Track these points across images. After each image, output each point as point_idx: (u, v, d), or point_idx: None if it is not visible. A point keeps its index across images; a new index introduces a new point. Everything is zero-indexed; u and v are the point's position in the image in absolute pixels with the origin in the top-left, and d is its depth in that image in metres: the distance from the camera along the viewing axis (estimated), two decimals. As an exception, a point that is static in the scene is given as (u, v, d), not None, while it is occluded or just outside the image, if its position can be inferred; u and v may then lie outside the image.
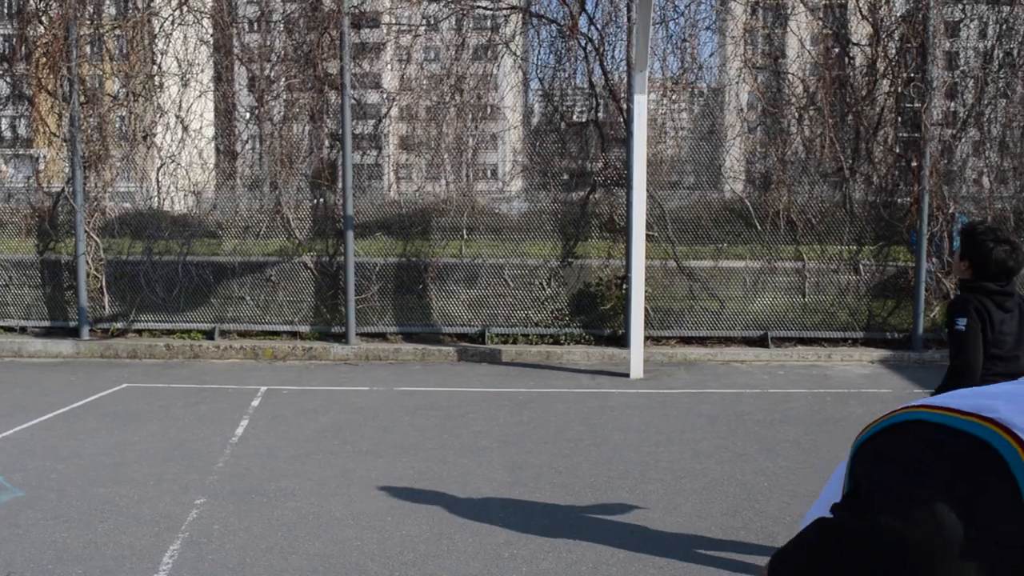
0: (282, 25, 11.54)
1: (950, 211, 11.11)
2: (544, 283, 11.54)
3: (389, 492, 6.32)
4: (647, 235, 11.20)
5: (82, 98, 11.41)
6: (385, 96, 11.77)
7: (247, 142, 11.59)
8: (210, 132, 11.71)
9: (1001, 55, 11.03)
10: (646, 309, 11.08)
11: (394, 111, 11.93)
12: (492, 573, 4.99)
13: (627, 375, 10.07)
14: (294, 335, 11.59)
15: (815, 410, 8.64)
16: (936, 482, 1.00)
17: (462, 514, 5.89)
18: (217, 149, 11.94)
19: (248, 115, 11.63)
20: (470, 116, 11.70)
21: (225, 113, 11.65)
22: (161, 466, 6.90)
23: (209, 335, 11.56)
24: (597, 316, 11.41)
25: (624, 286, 10.88)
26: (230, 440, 7.60)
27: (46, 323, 11.83)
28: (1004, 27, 10.94)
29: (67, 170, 11.62)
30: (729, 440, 7.60)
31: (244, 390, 9.44)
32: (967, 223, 5.04)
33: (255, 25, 11.66)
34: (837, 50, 11.33)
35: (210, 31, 11.48)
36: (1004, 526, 0.96)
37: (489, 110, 11.88)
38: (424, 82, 12.01)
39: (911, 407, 1.05)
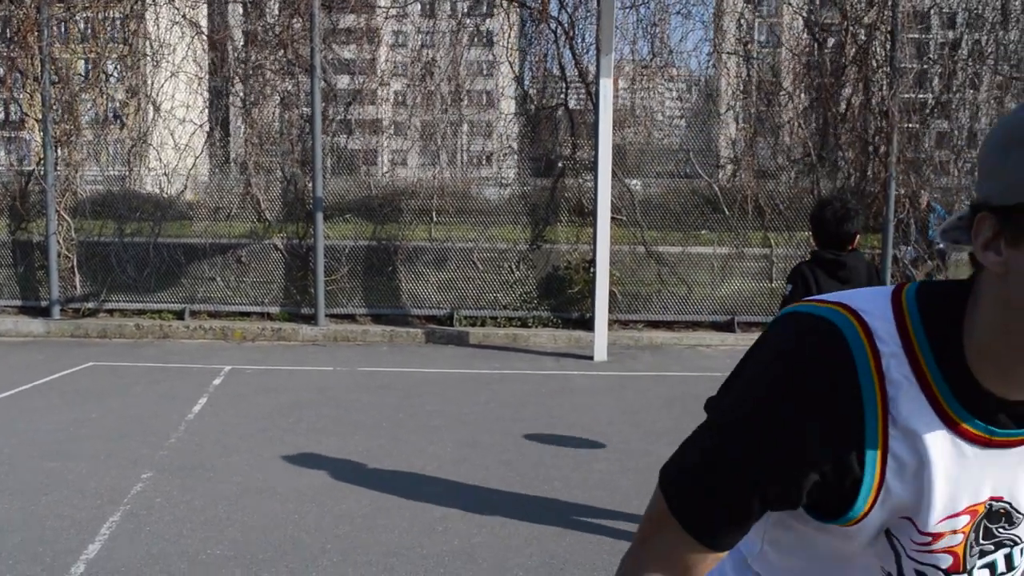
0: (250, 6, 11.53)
1: (924, 201, 11.16)
2: (513, 266, 11.59)
3: (335, 468, 6.38)
4: (617, 220, 11.25)
5: (54, 78, 11.42)
6: (355, 80, 11.78)
7: (217, 123, 11.59)
8: (181, 113, 11.70)
9: (970, 44, 11.06)
10: (614, 293, 11.15)
11: (363, 95, 11.94)
12: (422, 545, 5.05)
13: (592, 358, 10.12)
14: (264, 316, 11.64)
15: (772, 393, 8.69)
16: (779, 339, 1.22)
17: (403, 490, 5.95)
18: (204, 131, 11.93)
19: (218, 97, 11.62)
20: (440, 101, 11.73)
21: (197, 94, 11.64)
22: (114, 441, 6.94)
23: (179, 315, 11.60)
24: (565, 299, 11.48)
25: (591, 270, 10.93)
26: (186, 417, 7.65)
27: (17, 302, 11.86)
28: (971, 16, 10.97)
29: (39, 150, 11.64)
30: (682, 421, 7.65)
31: (208, 369, 9.49)
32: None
33: (226, 6, 11.66)
34: (807, 36, 11.34)
35: (182, 12, 11.47)
36: (830, 373, 1.16)
37: (460, 95, 11.90)
38: (393, 66, 12.03)
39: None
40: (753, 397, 1.21)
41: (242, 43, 11.65)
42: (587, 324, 11.17)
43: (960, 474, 1.21)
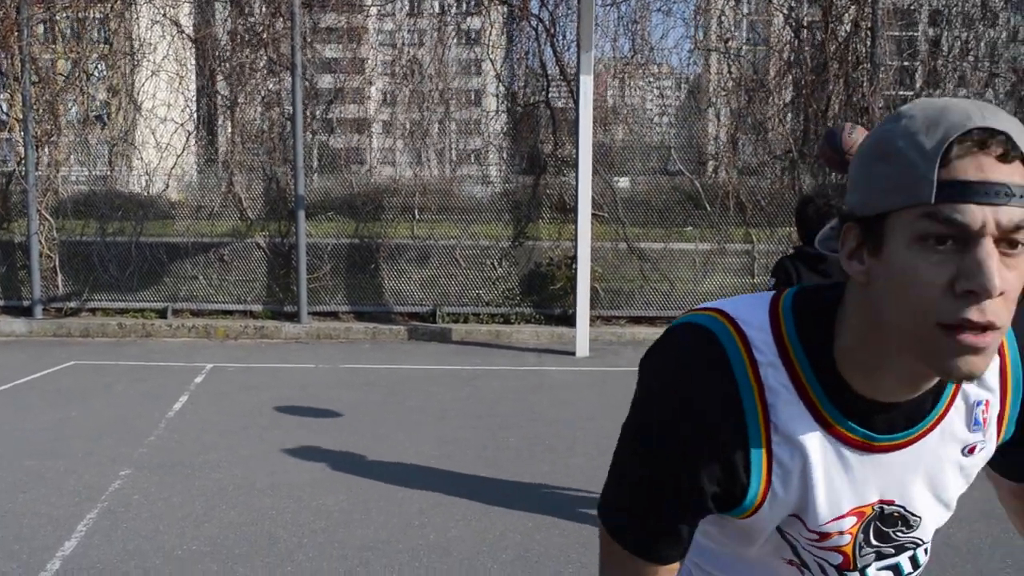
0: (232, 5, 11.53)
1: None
2: (495, 263, 11.62)
3: (314, 464, 6.39)
4: (599, 216, 11.29)
5: (34, 78, 11.40)
6: (337, 78, 11.79)
7: (199, 122, 11.58)
8: (163, 112, 11.69)
9: (950, 40, 11.13)
10: (596, 289, 11.18)
11: (345, 93, 11.95)
12: (398, 539, 5.07)
13: (573, 354, 10.15)
14: (247, 314, 11.64)
15: (752, 387, 8.73)
16: (659, 354, 1.29)
17: (382, 485, 5.97)
18: (187, 130, 11.91)
19: (199, 96, 11.61)
20: (422, 99, 11.74)
21: (178, 93, 11.62)
22: (94, 440, 6.94)
23: (162, 314, 11.59)
24: (547, 296, 11.51)
25: (573, 266, 10.96)
26: (166, 415, 7.65)
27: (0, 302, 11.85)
28: (951, 13, 11.04)
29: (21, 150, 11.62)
30: (661, 416, 7.69)
31: (190, 367, 9.49)
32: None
33: (208, 5, 11.64)
34: (788, 33, 11.39)
35: (162, 11, 11.45)
36: (711, 385, 1.22)
37: (443, 92, 11.91)
38: (375, 64, 12.04)
39: None
40: (641, 419, 1.29)
41: (224, 42, 11.63)
42: (569, 320, 11.19)
43: (843, 478, 1.26)
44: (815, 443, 1.24)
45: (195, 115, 11.55)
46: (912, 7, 11.41)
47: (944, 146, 1.06)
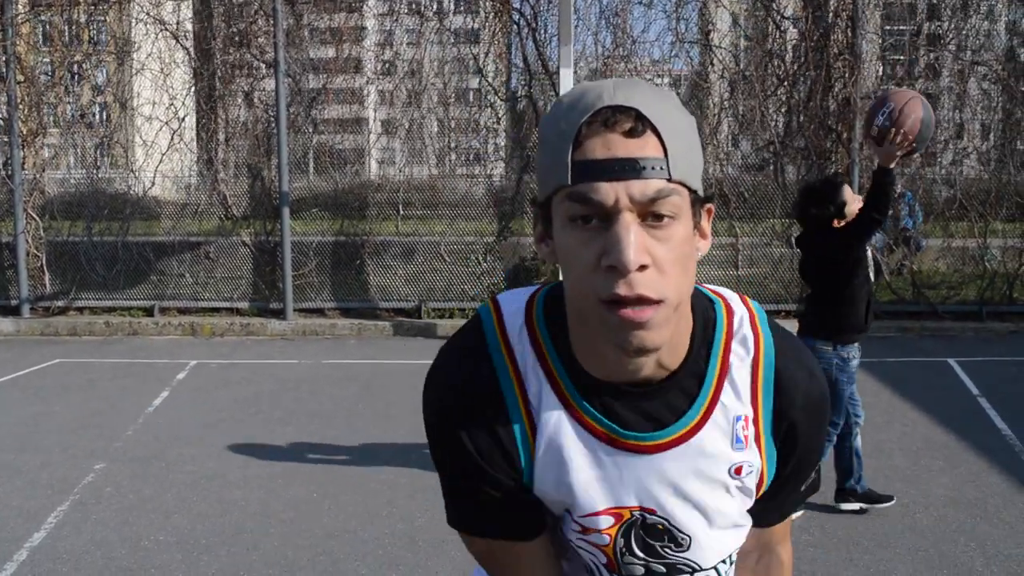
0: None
1: (898, 191, 11.22)
2: (480, 258, 11.64)
3: (287, 457, 6.42)
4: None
5: (19, 77, 11.43)
6: (319, 76, 11.82)
7: (183, 120, 11.60)
8: (148, 110, 11.71)
9: (931, 30, 11.14)
10: (580, 283, 11.18)
11: (327, 91, 11.98)
12: (364, 528, 5.11)
13: (557, 347, 10.16)
14: (233, 311, 11.66)
15: (731, 378, 8.75)
16: (447, 347, 1.34)
17: (353, 477, 6.00)
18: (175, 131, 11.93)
19: (184, 94, 11.64)
20: (404, 95, 11.77)
21: (163, 91, 11.63)
22: (72, 434, 6.98)
23: (149, 312, 11.62)
24: (532, 290, 11.51)
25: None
26: (145, 410, 7.68)
27: (-13, 302, 11.88)
28: (931, 4, 11.06)
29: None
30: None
31: (173, 364, 9.51)
32: None
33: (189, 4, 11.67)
34: (769, 24, 11.41)
35: (146, 10, 11.48)
36: (469, 367, 1.28)
37: (425, 88, 11.94)
38: (357, 62, 12.07)
39: None
40: (425, 403, 1.33)
41: (208, 40, 11.65)
42: (554, 314, 11.21)
43: (596, 472, 1.27)
44: (566, 427, 1.26)
45: (179, 113, 11.54)
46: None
47: (576, 128, 1.11)
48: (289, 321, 11.28)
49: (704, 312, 1.30)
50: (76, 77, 11.77)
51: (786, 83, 11.23)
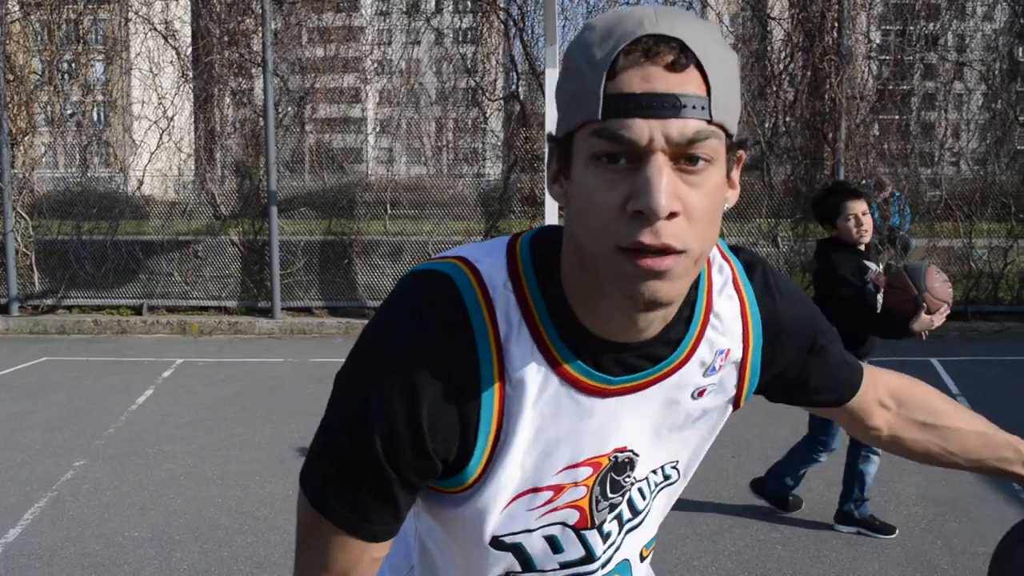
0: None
1: (886, 191, 11.26)
2: (467, 257, 11.68)
3: (267, 454, 6.46)
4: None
5: (9, 76, 11.47)
6: (307, 76, 11.86)
7: (172, 119, 11.64)
8: (137, 110, 11.76)
9: (917, 29, 11.18)
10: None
11: (316, 91, 12.03)
12: (337, 525, 5.14)
13: (542, 346, 10.21)
14: (222, 310, 11.71)
15: (714, 377, 8.79)
16: (387, 300, 1.17)
17: (330, 473, 6.03)
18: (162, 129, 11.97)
19: (173, 93, 11.68)
20: (394, 95, 11.82)
21: (151, 90, 11.68)
22: (54, 432, 7.01)
23: (138, 311, 11.67)
24: (519, 289, 11.56)
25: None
26: (129, 408, 7.72)
27: (-24, 301, 11.93)
28: (919, 4, 11.11)
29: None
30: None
31: (160, 362, 9.55)
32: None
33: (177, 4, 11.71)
34: (755, 25, 11.46)
35: (135, 10, 11.52)
36: (443, 326, 1.11)
37: (413, 87, 11.98)
38: (345, 62, 12.12)
39: None
40: (363, 367, 1.15)
41: (197, 39, 11.69)
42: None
43: (577, 426, 1.19)
44: (546, 385, 1.15)
45: (168, 113, 11.58)
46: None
47: (612, 57, 0.99)
48: (277, 320, 11.32)
49: None
50: (66, 76, 11.78)
51: (773, 84, 11.27)
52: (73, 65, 11.80)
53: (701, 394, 1.26)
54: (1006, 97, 11.29)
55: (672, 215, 0.98)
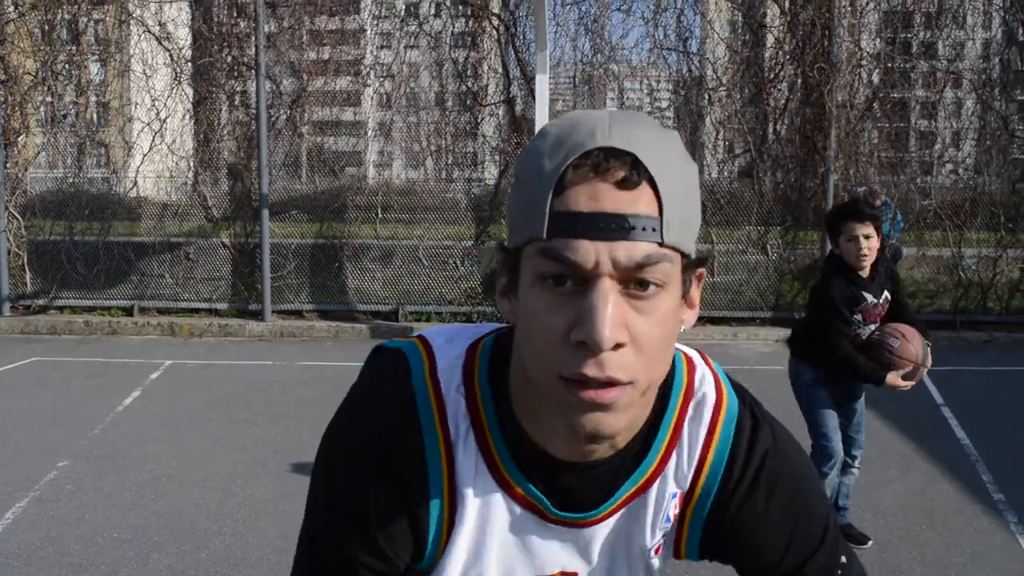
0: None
1: (881, 198, 11.30)
2: (458, 262, 11.72)
3: (249, 457, 6.48)
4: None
5: (2, 76, 11.51)
6: (301, 80, 11.90)
7: (165, 121, 11.66)
8: (130, 111, 11.80)
9: (908, 38, 11.23)
10: (558, 288, 11.27)
11: (308, 95, 12.07)
12: (315, 528, 5.16)
13: (531, 351, 10.23)
14: (212, 312, 11.73)
15: (700, 384, 8.80)
16: (355, 385, 1.17)
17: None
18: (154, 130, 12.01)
19: (167, 95, 11.71)
20: (386, 99, 11.86)
21: (145, 92, 11.72)
22: (39, 432, 7.04)
23: (129, 312, 11.68)
24: (509, 294, 11.60)
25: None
26: (115, 409, 7.74)
27: (-32, 300, 11.95)
28: (908, 13, 11.16)
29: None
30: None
31: (148, 364, 9.56)
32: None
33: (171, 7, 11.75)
34: (746, 32, 11.51)
35: (130, 12, 11.56)
36: (393, 426, 1.10)
37: (406, 93, 12.03)
38: (338, 66, 12.17)
39: None
40: (323, 466, 1.15)
41: (190, 42, 11.73)
42: (531, 318, 11.29)
43: (521, 548, 1.15)
44: (496, 503, 1.13)
45: (161, 115, 11.61)
46: (869, 5, 11.50)
47: (560, 171, 0.93)
48: (267, 322, 11.34)
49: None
50: (60, 77, 11.82)
51: (763, 91, 11.32)
52: (67, 66, 11.82)
53: (657, 551, 1.20)
54: (996, 106, 11.33)
55: (618, 345, 0.93)
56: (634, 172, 0.92)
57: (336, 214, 11.96)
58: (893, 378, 4.51)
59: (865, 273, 4.65)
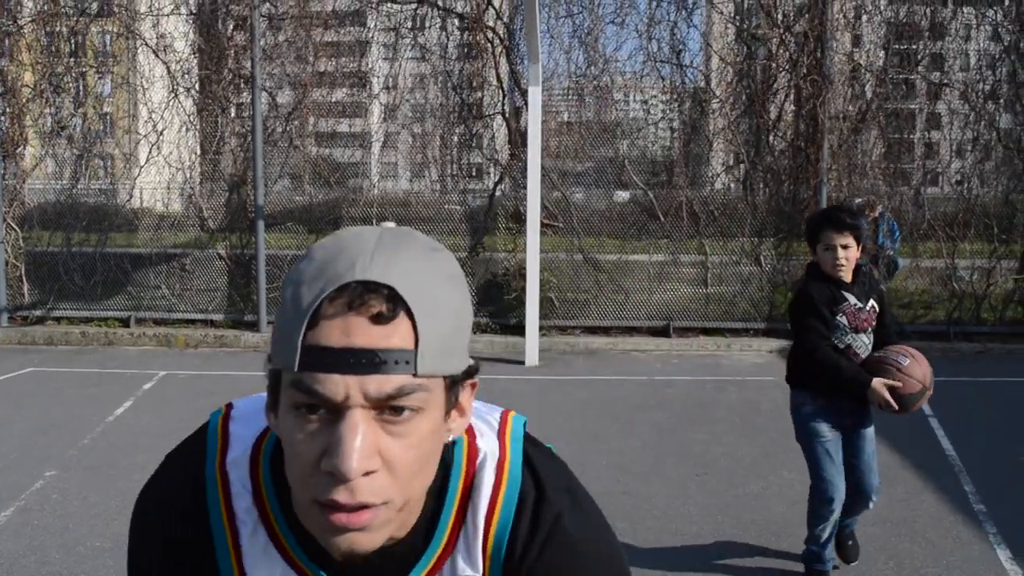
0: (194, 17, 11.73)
1: (875, 211, 11.33)
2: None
3: (236, 466, 6.51)
4: (554, 227, 11.43)
5: (0, 88, 11.61)
6: (296, 92, 11.97)
7: (162, 133, 11.73)
8: (127, 124, 11.88)
9: (898, 49, 11.27)
10: (551, 299, 11.32)
11: (303, 107, 12.14)
12: (295, 537, 5.19)
13: (524, 363, 10.27)
14: (208, 323, 11.79)
15: (689, 395, 8.84)
16: (167, 461, 1.24)
17: (297, 486, 6.08)
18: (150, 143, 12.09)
19: (164, 107, 11.79)
20: (381, 111, 11.93)
21: (142, 104, 11.80)
22: (29, 442, 7.09)
23: (125, 323, 11.74)
24: (503, 306, 11.64)
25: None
26: (106, 419, 7.79)
27: (-34, 311, 12.02)
28: (901, 25, 11.20)
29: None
30: (591, 423, 7.80)
31: (142, 374, 9.61)
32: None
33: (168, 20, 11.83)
34: (738, 44, 11.56)
35: (126, 24, 11.65)
36: (179, 509, 1.16)
37: (399, 105, 12.10)
38: (332, 78, 12.25)
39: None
40: (129, 537, 1.23)
41: (188, 54, 11.81)
42: (524, 330, 11.31)
43: None
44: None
45: (158, 127, 11.69)
46: (862, 17, 11.54)
47: (315, 305, 0.95)
48: (263, 333, 11.39)
49: (444, 456, 1.11)
50: (59, 90, 11.91)
51: (755, 103, 11.36)
52: (65, 79, 11.91)
53: None
54: (988, 118, 11.36)
55: (369, 472, 0.95)
56: (390, 306, 0.94)
57: (333, 225, 12.02)
58: (879, 384, 4.21)
59: (847, 278, 4.48)
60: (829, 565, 4.68)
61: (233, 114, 12.02)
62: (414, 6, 11.72)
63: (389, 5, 11.84)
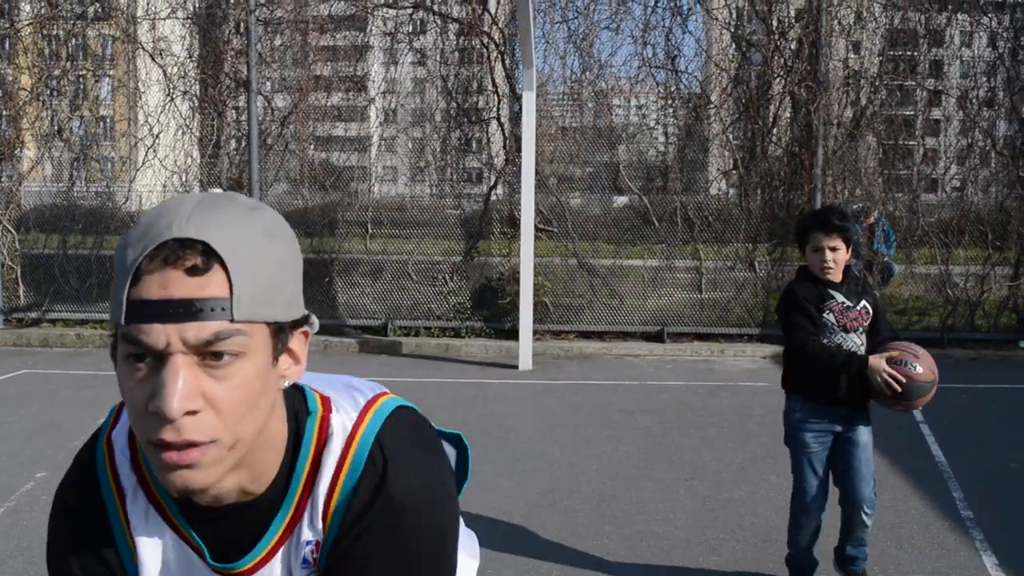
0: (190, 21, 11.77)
1: (871, 217, 11.34)
2: (447, 278, 11.79)
3: (226, 469, 6.52)
4: (549, 232, 11.46)
5: (-2, 91, 11.66)
6: (292, 96, 12.00)
7: (158, 137, 11.77)
8: (123, 127, 11.91)
9: (893, 56, 11.30)
10: (545, 304, 11.34)
11: (299, 111, 12.16)
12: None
13: (518, 367, 10.28)
14: (203, 326, 11.80)
15: (682, 400, 8.85)
16: (72, 463, 1.35)
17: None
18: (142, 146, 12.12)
19: (160, 111, 11.82)
20: (377, 115, 11.96)
21: (139, 108, 11.84)
22: (22, 443, 7.10)
23: (121, 326, 11.76)
24: (497, 310, 11.67)
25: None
26: (99, 421, 7.77)
27: (-38, 312, 12.05)
28: (896, 31, 11.22)
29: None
30: (583, 427, 7.81)
31: (136, 377, 9.61)
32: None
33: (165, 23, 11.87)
34: (734, 50, 11.58)
35: (123, 28, 11.69)
36: (78, 486, 1.31)
37: (395, 109, 12.12)
38: (329, 82, 12.26)
39: None
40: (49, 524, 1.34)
41: (184, 59, 11.84)
42: (517, 334, 11.33)
43: None
44: (168, 543, 1.27)
45: (154, 130, 11.72)
46: (857, 24, 11.57)
47: (137, 263, 1.05)
48: (258, 335, 11.41)
49: (298, 427, 1.24)
50: (55, 93, 11.94)
51: (750, 109, 11.39)
52: (62, 82, 11.95)
53: None
54: (983, 125, 11.38)
55: (193, 412, 1.04)
56: (204, 259, 1.04)
57: (328, 229, 12.05)
58: (877, 360, 4.11)
59: (836, 280, 4.41)
60: (812, 570, 4.67)
61: (230, 118, 12.03)
62: (411, 11, 11.77)
63: (386, 10, 11.87)
